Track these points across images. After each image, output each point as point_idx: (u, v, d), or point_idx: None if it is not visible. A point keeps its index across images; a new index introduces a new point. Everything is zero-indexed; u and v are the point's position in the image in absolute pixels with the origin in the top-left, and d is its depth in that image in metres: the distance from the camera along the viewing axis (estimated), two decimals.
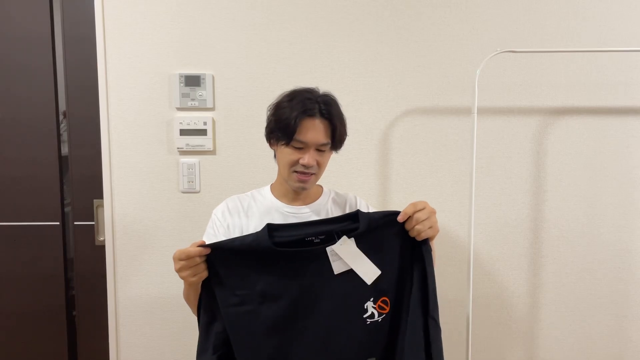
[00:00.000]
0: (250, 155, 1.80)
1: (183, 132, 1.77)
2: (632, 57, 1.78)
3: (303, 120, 1.18)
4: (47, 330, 1.95)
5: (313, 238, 1.09)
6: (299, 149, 1.20)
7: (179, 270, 1.04)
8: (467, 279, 1.69)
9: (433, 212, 1.10)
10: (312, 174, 1.23)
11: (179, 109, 1.77)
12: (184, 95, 1.76)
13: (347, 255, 1.07)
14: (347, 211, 1.35)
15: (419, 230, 1.08)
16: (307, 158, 1.19)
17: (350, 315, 1.09)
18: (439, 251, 1.85)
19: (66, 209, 1.94)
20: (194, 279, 1.04)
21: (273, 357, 1.07)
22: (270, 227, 1.08)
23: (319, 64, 1.78)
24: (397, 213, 1.10)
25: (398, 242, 1.10)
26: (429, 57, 1.78)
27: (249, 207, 1.31)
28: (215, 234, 1.27)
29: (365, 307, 1.09)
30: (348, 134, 1.31)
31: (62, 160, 1.91)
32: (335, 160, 1.81)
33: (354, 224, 1.10)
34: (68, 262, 1.96)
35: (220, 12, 1.75)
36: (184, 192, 1.81)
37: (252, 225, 1.26)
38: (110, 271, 1.82)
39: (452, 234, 1.83)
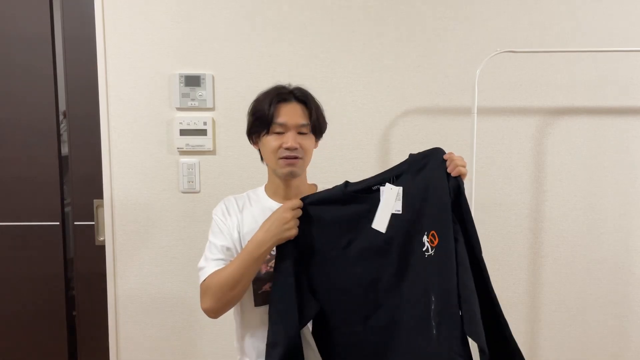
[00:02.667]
0: (250, 155, 1.79)
1: (183, 132, 1.77)
2: (632, 57, 1.78)
3: (279, 104, 1.23)
4: (47, 330, 1.95)
5: (379, 185, 1.17)
6: (280, 133, 1.23)
7: (289, 222, 1.13)
8: None
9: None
10: (298, 158, 1.24)
11: (179, 109, 1.77)
12: (184, 95, 1.76)
13: (385, 199, 1.17)
14: None
15: (458, 162, 1.12)
16: (290, 140, 1.21)
17: (416, 251, 1.13)
18: None
19: (66, 209, 1.94)
20: (293, 231, 1.13)
21: (356, 292, 1.16)
22: (346, 183, 1.19)
23: (319, 64, 1.78)
24: (439, 148, 1.18)
25: (441, 183, 1.13)
26: (429, 57, 1.78)
27: (244, 206, 1.32)
28: (222, 230, 1.28)
29: (423, 241, 1.12)
30: (327, 124, 1.34)
31: (62, 160, 1.91)
32: (334, 160, 1.81)
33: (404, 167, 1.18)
34: (68, 262, 1.96)
35: (220, 12, 1.75)
36: (184, 192, 1.81)
37: (247, 220, 1.28)
38: (110, 271, 1.82)
39: None
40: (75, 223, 1.92)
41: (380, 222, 1.17)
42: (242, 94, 1.78)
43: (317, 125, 1.28)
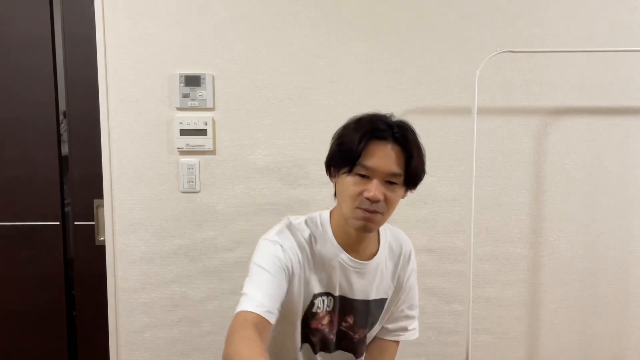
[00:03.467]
0: (250, 155, 1.80)
1: (183, 132, 1.77)
2: (632, 57, 1.78)
3: (371, 142, 1.00)
4: (47, 330, 1.95)
5: None
6: (364, 177, 1.00)
7: None
8: (467, 279, 1.69)
9: None
10: (378, 213, 1.01)
11: (179, 109, 1.77)
12: (184, 95, 1.76)
13: None
14: (399, 268, 1.19)
15: None
16: (374, 189, 0.98)
17: None
18: (438, 250, 1.86)
19: (66, 209, 1.94)
20: None
21: None
22: None
23: (319, 64, 1.77)
24: None
25: None
26: (429, 57, 1.78)
27: (311, 248, 1.08)
28: (283, 269, 1.03)
29: None
30: (425, 173, 1.08)
31: (62, 160, 1.91)
32: None
33: None
34: (68, 262, 1.96)
35: (220, 12, 1.75)
36: (184, 192, 1.81)
37: (314, 277, 1.08)
38: (110, 271, 1.82)
39: (452, 234, 1.83)
40: (75, 223, 1.92)
41: None
42: (242, 94, 1.78)
43: (412, 178, 1.03)
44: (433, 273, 1.83)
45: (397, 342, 1.29)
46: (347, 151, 1.01)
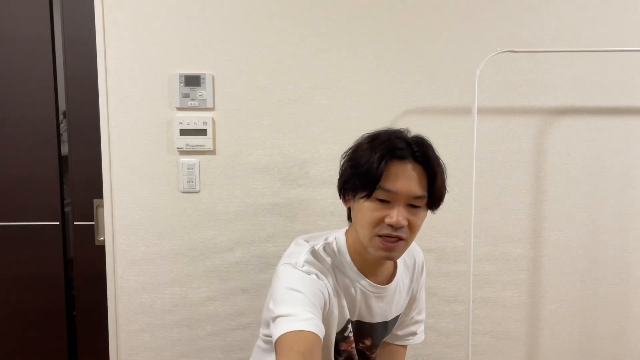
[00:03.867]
0: (250, 155, 1.80)
1: (183, 132, 1.77)
2: (632, 57, 1.78)
3: (391, 163, 0.93)
4: (47, 330, 1.95)
5: None
6: (385, 202, 0.93)
7: None
8: (467, 279, 1.69)
9: None
10: (401, 240, 0.95)
11: (179, 109, 1.77)
12: (184, 95, 1.76)
13: None
14: (413, 282, 1.19)
15: None
16: (396, 215, 0.92)
17: None
18: (438, 250, 1.86)
19: (66, 209, 1.94)
20: None
21: None
22: None
23: (319, 64, 1.77)
24: None
25: None
26: (429, 57, 1.78)
27: (335, 276, 1.03)
28: (314, 302, 0.94)
29: None
30: (446, 188, 1.03)
31: (62, 160, 1.91)
32: (336, 161, 1.81)
33: None
34: (68, 262, 1.96)
35: (220, 12, 1.75)
36: (184, 192, 1.81)
37: (336, 305, 1.03)
38: (110, 271, 1.82)
39: (452, 234, 1.83)
40: (75, 223, 1.92)
41: None
42: (242, 94, 1.78)
43: (436, 199, 0.98)
44: (433, 273, 1.83)
45: (406, 346, 1.29)
46: (364, 174, 0.93)
